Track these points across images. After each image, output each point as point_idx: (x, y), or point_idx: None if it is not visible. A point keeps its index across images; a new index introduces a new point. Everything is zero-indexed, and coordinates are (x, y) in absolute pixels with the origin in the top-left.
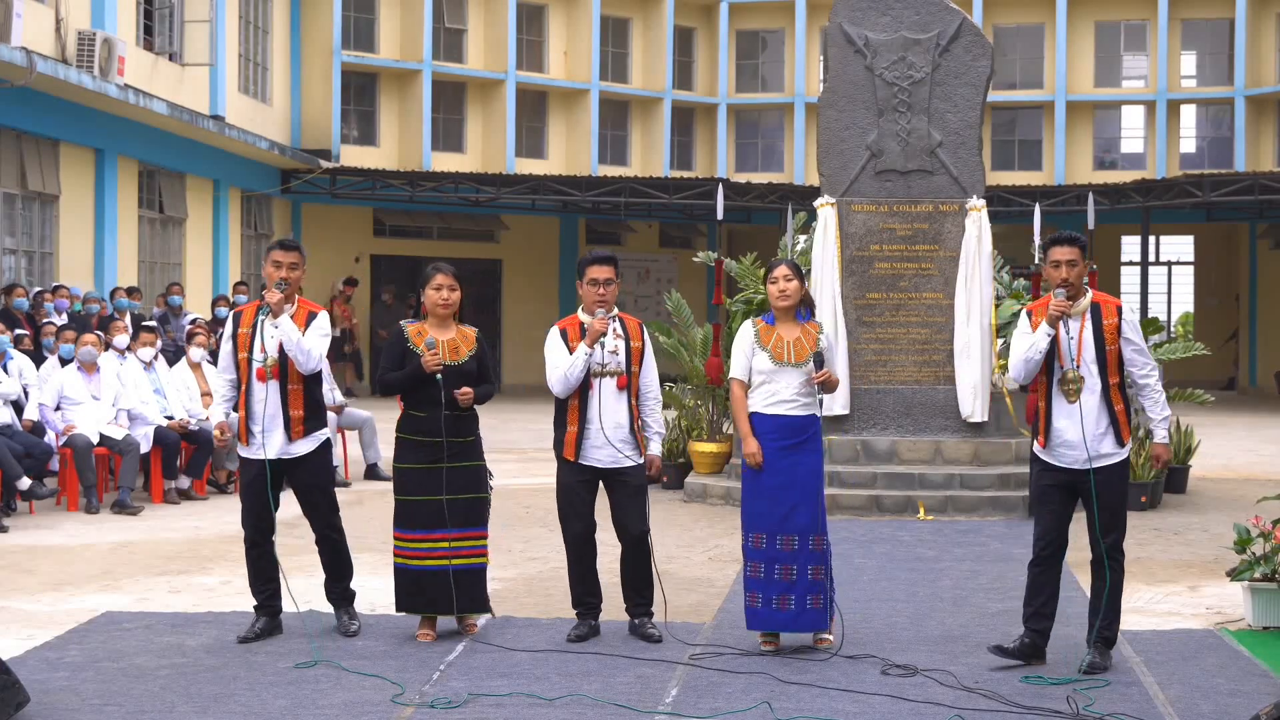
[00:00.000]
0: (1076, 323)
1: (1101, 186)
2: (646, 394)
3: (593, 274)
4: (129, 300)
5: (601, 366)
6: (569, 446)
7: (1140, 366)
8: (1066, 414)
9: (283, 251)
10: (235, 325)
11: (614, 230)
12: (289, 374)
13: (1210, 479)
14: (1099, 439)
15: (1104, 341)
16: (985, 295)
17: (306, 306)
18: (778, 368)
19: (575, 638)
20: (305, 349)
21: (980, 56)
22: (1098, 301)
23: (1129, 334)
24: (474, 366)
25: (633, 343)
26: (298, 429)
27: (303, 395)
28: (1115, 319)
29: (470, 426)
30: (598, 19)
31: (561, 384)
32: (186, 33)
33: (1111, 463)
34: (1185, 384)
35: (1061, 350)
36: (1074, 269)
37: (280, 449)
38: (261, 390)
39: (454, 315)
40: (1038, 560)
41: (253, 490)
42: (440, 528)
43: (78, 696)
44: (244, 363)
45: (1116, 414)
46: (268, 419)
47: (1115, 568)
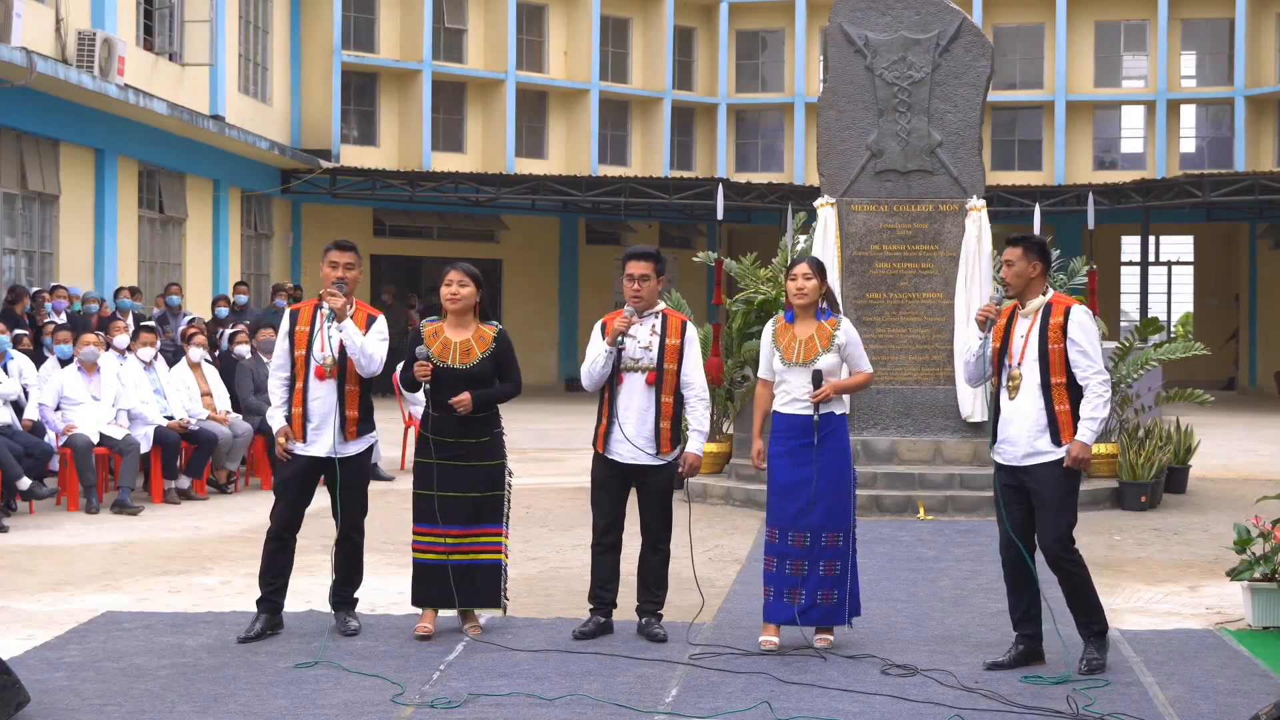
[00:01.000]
0: (1027, 321)
1: (1101, 186)
2: (689, 390)
3: (630, 269)
4: (130, 300)
5: (634, 362)
6: (599, 439)
7: (1083, 368)
8: (1008, 410)
9: (339, 252)
10: (292, 323)
11: (614, 230)
12: (348, 374)
13: (1210, 479)
14: (1035, 436)
15: (1047, 339)
16: (985, 295)
17: (365, 309)
18: (787, 367)
19: (580, 634)
20: (369, 353)
21: (980, 56)
22: (1053, 302)
23: (1074, 334)
24: (487, 369)
25: (669, 340)
26: (352, 429)
27: (359, 397)
28: (1061, 319)
29: (483, 427)
30: (598, 19)
31: (587, 378)
32: (186, 33)
33: (1046, 460)
34: (1185, 384)
35: (1010, 348)
36: (1011, 269)
37: (332, 448)
38: (319, 389)
39: (474, 313)
40: (1005, 565)
41: (295, 484)
42: (445, 523)
43: (78, 696)
44: (301, 360)
45: (1056, 413)
46: (323, 417)
47: (1069, 568)
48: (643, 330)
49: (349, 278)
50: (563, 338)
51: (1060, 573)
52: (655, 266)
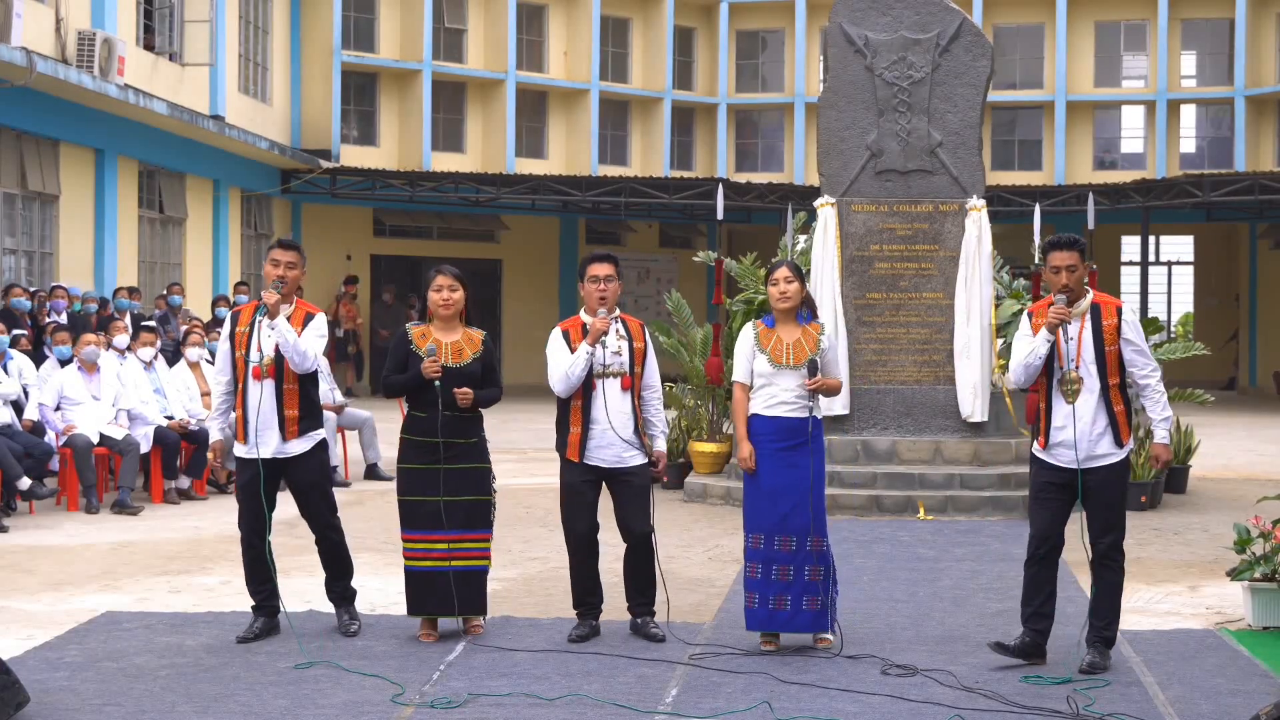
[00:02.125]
0: (1076, 324)
1: (1101, 186)
2: (649, 392)
3: (593, 271)
4: (129, 300)
5: (604, 368)
6: (572, 447)
7: (1141, 367)
8: (1065, 415)
9: (281, 250)
10: (233, 324)
11: (614, 230)
12: (284, 374)
13: (1210, 479)
14: (1097, 440)
15: (1103, 342)
16: (985, 295)
17: (305, 307)
18: (777, 370)
19: (576, 638)
20: (301, 350)
21: (980, 56)
22: (1098, 302)
23: (1129, 334)
24: (477, 370)
25: (635, 343)
26: (292, 429)
27: (298, 395)
28: (1115, 319)
29: (472, 428)
30: (598, 19)
31: (563, 383)
32: (186, 33)
33: (1108, 463)
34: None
35: (1061, 351)
36: (1073, 274)
37: (275, 448)
38: (257, 389)
39: (460, 317)
40: (1033, 560)
41: (248, 491)
42: (439, 529)
43: (78, 696)
44: (240, 361)
45: (1116, 415)
46: (263, 418)
47: (1114, 568)
48: (610, 335)
49: (290, 277)
50: None
51: (1105, 570)
52: (616, 269)
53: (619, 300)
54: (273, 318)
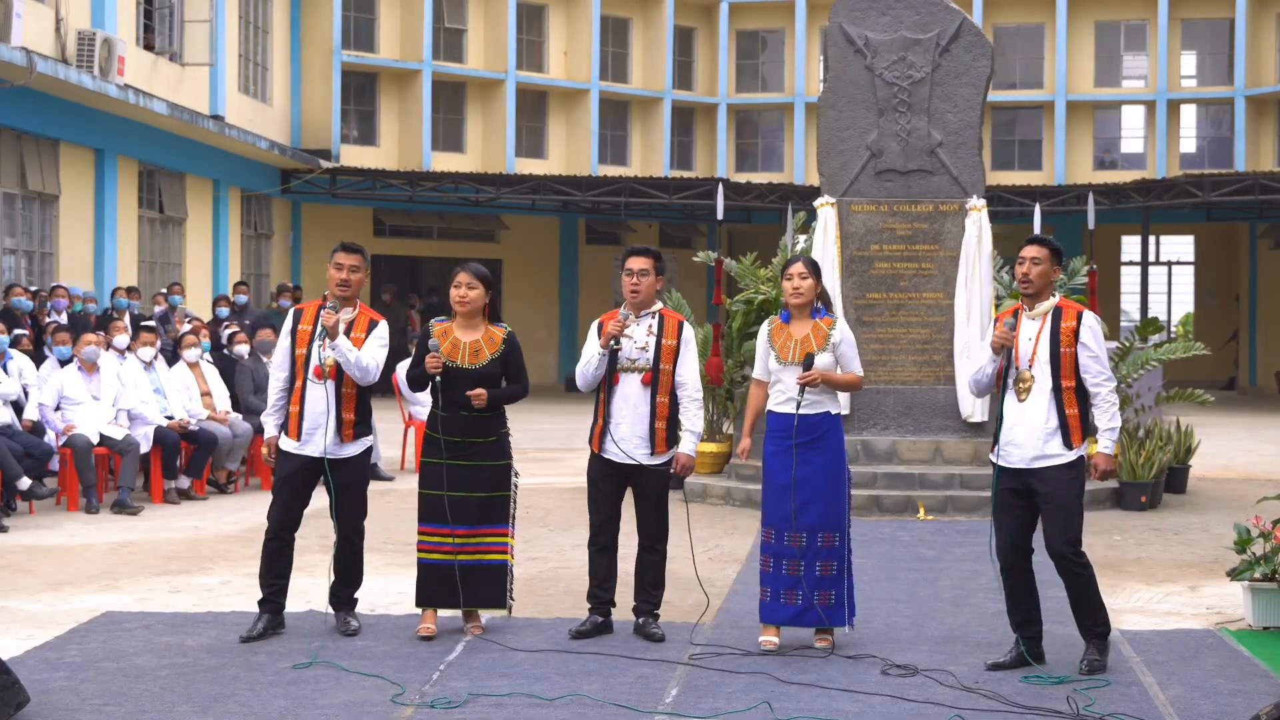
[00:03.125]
0: (1035, 324)
1: (1101, 186)
2: (682, 391)
3: (629, 264)
4: (127, 299)
5: (631, 362)
6: (595, 439)
7: (1094, 375)
8: (1016, 413)
9: (345, 254)
10: (295, 321)
11: (614, 230)
12: (344, 376)
13: (1210, 479)
14: (1046, 439)
15: (1059, 343)
16: (985, 295)
17: (368, 314)
18: (782, 366)
19: (578, 633)
20: (364, 365)
21: (980, 56)
22: (1062, 306)
23: (1085, 338)
24: (496, 370)
25: (665, 340)
26: (348, 432)
27: (356, 399)
28: (1074, 323)
29: (489, 427)
30: (598, 19)
31: (580, 378)
32: (186, 33)
33: (1057, 463)
34: (1185, 384)
35: (1017, 350)
36: (1037, 267)
37: (327, 449)
38: (316, 389)
39: (483, 314)
40: (1005, 571)
41: (291, 484)
42: (451, 523)
43: (78, 696)
44: (300, 359)
45: (1068, 417)
46: (320, 418)
47: (1076, 570)
48: (639, 330)
49: (354, 280)
50: (563, 338)
51: (1067, 575)
52: (655, 264)
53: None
54: (333, 338)
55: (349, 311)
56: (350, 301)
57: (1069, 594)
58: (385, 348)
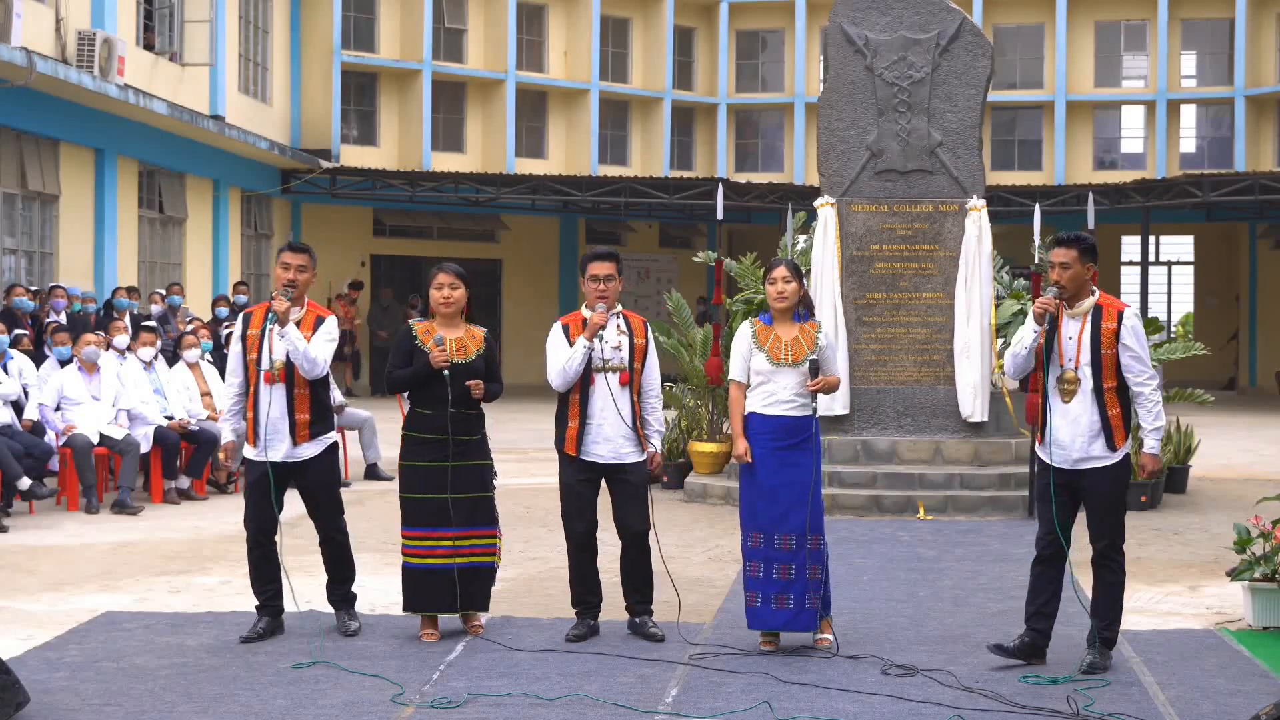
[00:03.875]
0: (1077, 323)
1: (1101, 186)
2: (648, 391)
3: (594, 270)
4: (127, 299)
5: (604, 362)
6: (570, 442)
7: (1137, 374)
8: (1061, 414)
9: (292, 253)
10: (245, 326)
11: (614, 230)
12: (295, 378)
13: (1210, 479)
14: (1089, 441)
15: (1100, 344)
16: (985, 295)
17: (315, 310)
18: (775, 368)
19: (574, 637)
20: (311, 357)
21: (980, 56)
22: (1102, 304)
23: (1127, 339)
24: (481, 366)
25: (636, 340)
26: (303, 433)
27: (309, 399)
28: (1114, 323)
29: (476, 425)
30: (598, 19)
31: (560, 377)
32: (186, 33)
33: (1101, 465)
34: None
35: (1061, 350)
36: (1067, 271)
37: (286, 452)
38: (268, 393)
39: (462, 315)
40: (1039, 559)
41: (257, 491)
42: (445, 526)
43: (78, 696)
44: (252, 364)
45: (1110, 418)
46: (274, 422)
47: (1112, 569)
48: (610, 330)
49: (301, 280)
50: None
51: (1104, 571)
52: (617, 267)
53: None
54: (283, 325)
55: (297, 311)
56: (298, 302)
57: (1095, 592)
58: (333, 342)
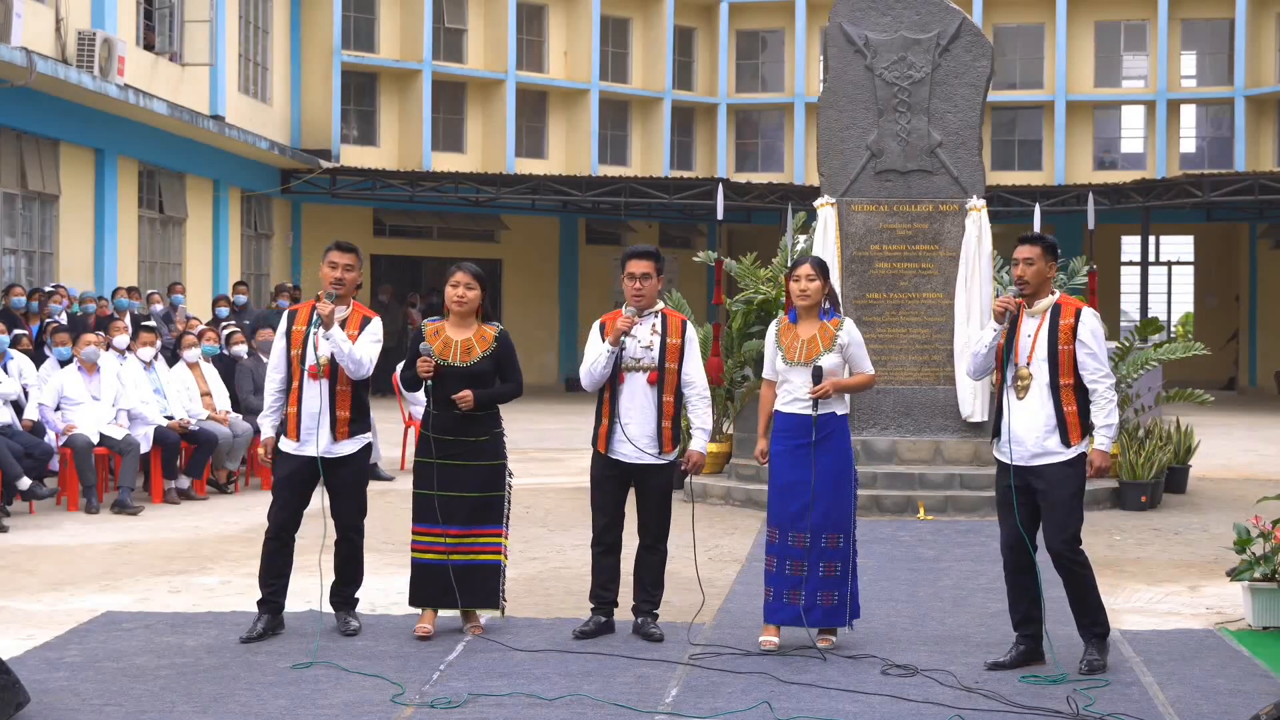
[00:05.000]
0: (1035, 321)
1: (1101, 186)
2: (690, 389)
3: (631, 268)
4: (127, 299)
5: (635, 361)
6: (600, 439)
7: (1091, 371)
8: (1017, 410)
9: (339, 253)
10: (289, 322)
11: (614, 230)
12: (339, 374)
13: (1210, 479)
14: (1044, 436)
15: (1057, 340)
16: (985, 295)
17: (361, 311)
18: (789, 367)
19: (582, 633)
20: (357, 358)
21: (980, 56)
22: (1061, 303)
23: (1084, 335)
24: (488, 368)
25: (670, 339)
26: (343, 430)
27: (350, 396)
28: (1072, 320)
29: (484, 426)
30: (598, 19)
31: (588, 378)
32: (186, 33)
33: (1056, 461)
34: (1185, 384)
35: (1017, 347)
36: (1030, 267)
37: (325, 448)
38: (312, 388)
39: (476, 315)
40: (1007, 566)
41: (290, 484)
42: (448, 523)
43: (78, 696)
44: (295, 359)
45: (1065, 414)
46: (315, 417)
47: (1076, 566)
48: (643, 329)
49: (348, 279)
50: (563, 338)
51: (1066, 574)
52: (656, 265)
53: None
54: (327, 327)
55: (343, 310)
56: (344, 300)
57: (1068, 593)
58: (379, 343)
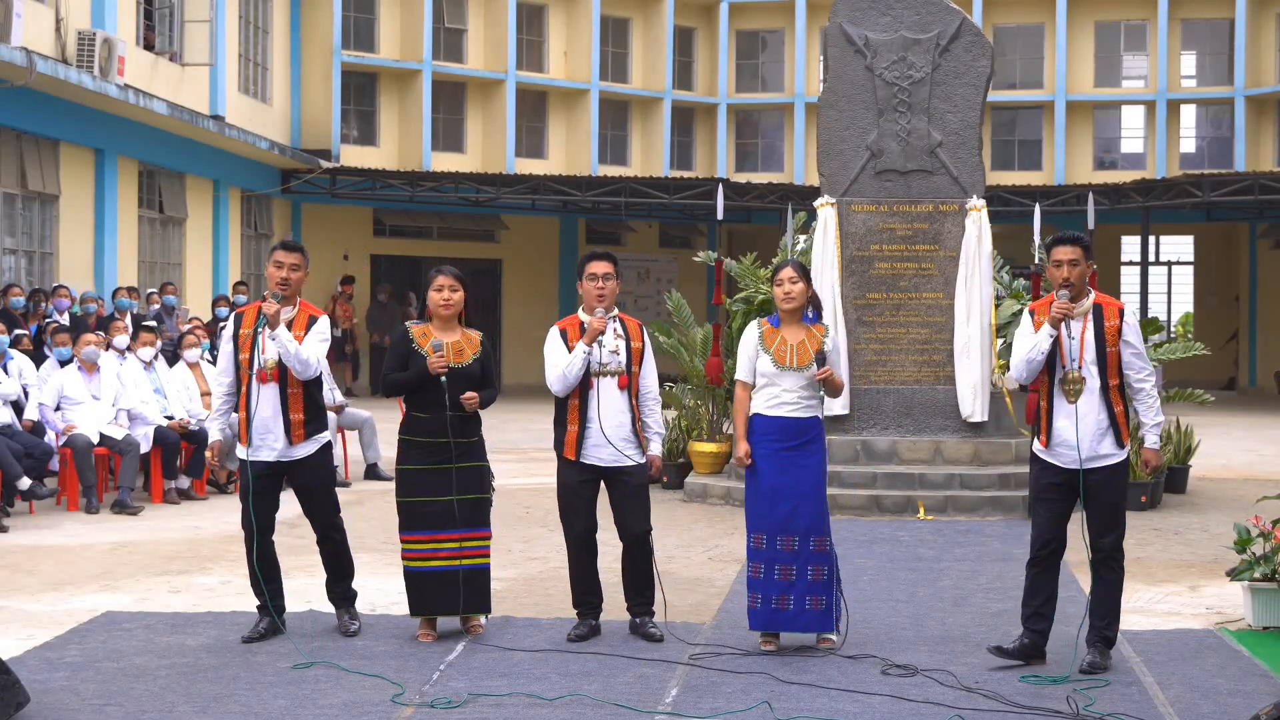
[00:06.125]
0: (1079, 323)
1: (1101, 186)
2: (646, 395)
3: (592, 270)
4: (128, 299)
5: (602, 366)
6: (570, 446)
7: (1137, 370)
8: (1067, 414)
9: (285, 252)
10: (236, 326)
11: (614, 230)
12: (289, 377)
13: (1210, 479)
14: (1099, 439)
15: (1105, 343)
16: (985, 295)
17: (308, 310)
18: (780, 371)
19: (575, 637)
20: (303, 359)
21: (980, 56)
22: (1100, 303)
23: (1129, 337)
24: (477, 370)
25: (633, 343)
26: (298, 432)
27: (303, 399)
28: (1117, 321)
29: (474, 427)
30: (598, 19)
31: (560, 382)
32: (186, 33)
33: (1110, 463)
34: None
35: (1063, 351)
36: (1075, 269)
37: (280, 452)
38: (260, 393)
39: (459, 318)
40: (1035, 560)
41: (252, 493)
42: (449, 528)
43: (78, 696)
44: (245, 364)
45: (1116, 415)
46: (266, 421)
47: (1115, 568)
48: (607, 334)
49: (294, 279)
50: None
51: (1106, 570)
52: (615, 268)
53: (618, 300)
54: (273, 327)
55: (289, 310)
56: (290, 300)
57: (1095, 593)
58: (326, 342)
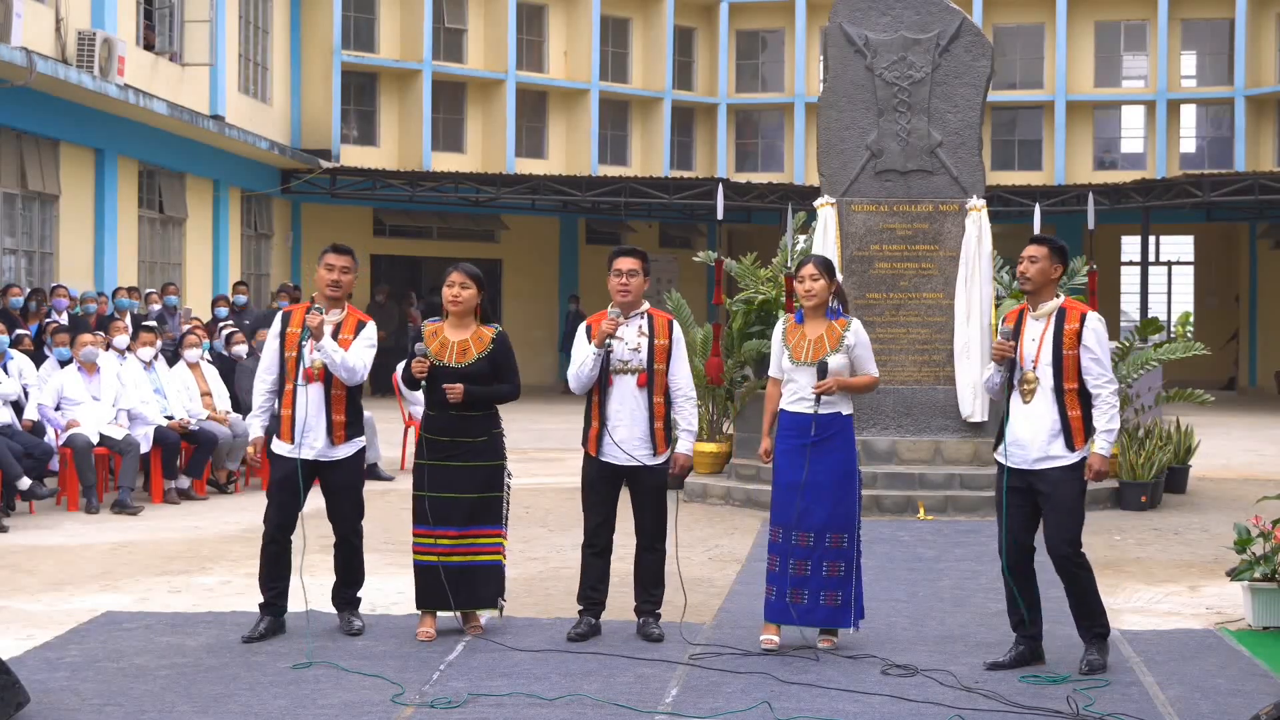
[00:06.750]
0: (1040, 325)
1: (1101, 186)
2: (676, 392)
3: (618, 265)
4: (128, 299)
5: (623, 364)
6: (591, 442)
7: (1095, 376)
8: (1022, 414)
9: (335, 255)
10: (284, 324)
11: (614, 230)
12: (333, 378)
13: (1210, 479)
14: (1049, 440)
15: (1062, 345)
16: (985, 295)
17: (356, 315)
18: (795, 366)
19: (575, 636)
20: (349, 366)
21: (980, 56)
22: (1066, 307)
23: (1088, 340)
24: (484, 368)
25: (658, 340)
26: (339, 433)
27: (345, 401)
28: (1077, 325)
29: (482, 426)
30: (598, 19)
31: (575, 381)
32: (186, 33)
33: (1060, 465)
34: (1185, 384)
35: (1022, 351)
36: (1035, 265)
37: (320, 451)
38: (307, 391)
39: (474, 315)
40: (1007, 569)
41: (285, 488)
42: (446, 524)
43: (78, 696)
44: (291, 362)
45: (1070, 419)
46: (310, 420)
47: (1078, 569)
48: (630, 331)
49: (344, 281)
50: (562, 338)
51: (1066, 576)
52: (643, 264)
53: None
54: (317, 339)
55: (337, 313)
56: (339, 303)
57: (1069, 595)
58: (373, 348)
